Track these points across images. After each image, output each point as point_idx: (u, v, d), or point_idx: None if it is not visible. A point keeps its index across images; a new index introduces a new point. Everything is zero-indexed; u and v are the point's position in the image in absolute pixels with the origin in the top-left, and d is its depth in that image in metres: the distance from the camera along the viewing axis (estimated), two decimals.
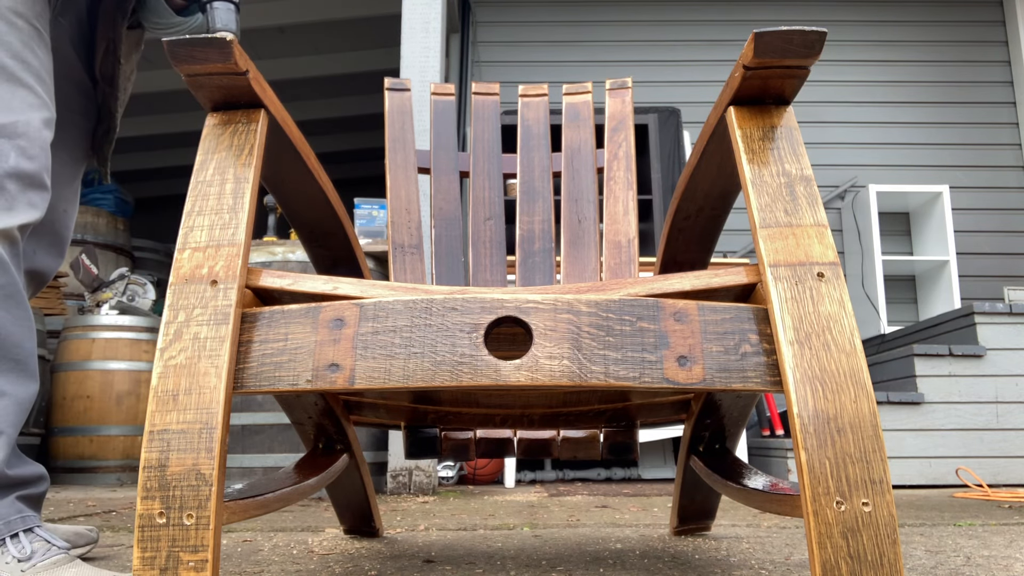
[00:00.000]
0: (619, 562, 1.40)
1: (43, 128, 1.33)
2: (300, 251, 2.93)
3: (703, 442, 1.44)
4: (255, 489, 0.99)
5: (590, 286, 0.93)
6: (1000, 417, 3.25)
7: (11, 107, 1.29)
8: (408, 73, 3.23)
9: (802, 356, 0.80)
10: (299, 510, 2.39)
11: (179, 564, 0.74)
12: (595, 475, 3.83)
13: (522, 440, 1.54)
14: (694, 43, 4.82)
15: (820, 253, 0.85)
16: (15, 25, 1.33)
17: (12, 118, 1.29)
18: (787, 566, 1.35)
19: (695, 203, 1.23)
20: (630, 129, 1.78)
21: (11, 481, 1.21)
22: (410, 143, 1.77)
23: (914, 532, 1.79)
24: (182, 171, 7.08)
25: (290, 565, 1.38)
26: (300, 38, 5.23)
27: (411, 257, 1.67)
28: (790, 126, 0.94)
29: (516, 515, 2.21)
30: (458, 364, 0.83)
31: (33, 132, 1.31)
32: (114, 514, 2.28)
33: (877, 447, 0.76)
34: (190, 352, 0.81)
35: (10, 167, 1.27)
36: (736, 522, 2.00)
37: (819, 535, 0.74)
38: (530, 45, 4.82)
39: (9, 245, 1.26)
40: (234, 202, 0.89)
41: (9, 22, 1.32)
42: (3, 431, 1.21)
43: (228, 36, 0.87)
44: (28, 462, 1.26)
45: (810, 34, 0.85)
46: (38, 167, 1.31)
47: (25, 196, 1.29)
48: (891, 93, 4.77)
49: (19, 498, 1.22)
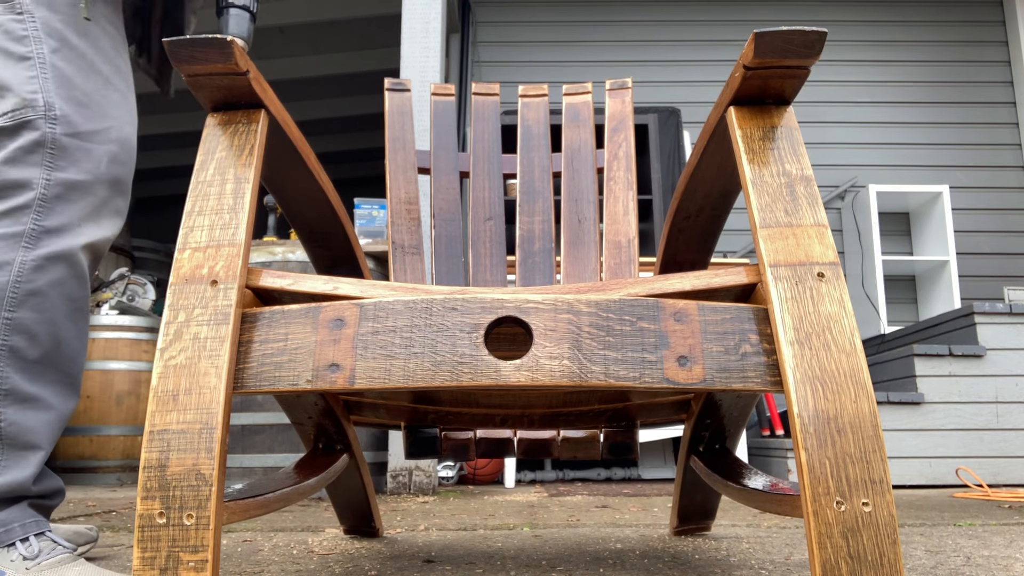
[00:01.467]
0: (619, 562, 1.40)
1: (133, 133, 1.37)
2: (300, 251, 2.93)
3: (703, 442, 1.44)
4: (255, 489, 0.99)
5: (590, 286, 0.93)
6: (1000, 417, 3.25)
7: (107, 113, 1.32)
8: (408, 73, 3.23)
9: (802, 356, 0.80)
10: (299, 510, 2.38)
11: (179, 564, 0.74)
12: (595, 475, 3.83)
13: (522, 440, 1.54)
14: (694, 43, 4.82)
15: (820, 253, 0.85)
16: (108, 32, 1.36)
17: (107, 124, 1.32)
18: (787, 566, 1.35)
19: (695, 203, 1.23)
20: (630, 129, 1.78)
21: (33, 494, 1.23)
22: (410, 143, 1.77)
23: (914, 532, 1.79)
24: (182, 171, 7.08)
25: (290, 565, 1.38)
26: (300, 38, 5.23)
27: (411, 257, 1.67)
28: (790, 126, 0.94)
29: (516, 515, 2.20)
30: (458, 364, 0.83)
31: (124, 137, 1.35)
32: (114, 514, 2.28)
33: (877, 447, 0.76)
34: (190, 352, 0.81)
35: (103, 173, 1.30)
36: (736, 522, 2.00)
37: (819, 535, 0.74)
38: (530, 45, 4.82)
39: (92, 260, 1.29)
40: (234, 202, 0.89)
41: (104, 29, 1.35)
42: (41, 447, 1.22)
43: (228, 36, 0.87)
44: (51, 476, 1.28)
45: (810, 34, 0.85)
46: (127, 173, 1.35)
47: (113, 203, 1.33)
48: (891, 93, 4.77)
49: (33, 505, 1.23)
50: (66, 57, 1.28)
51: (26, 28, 1.25)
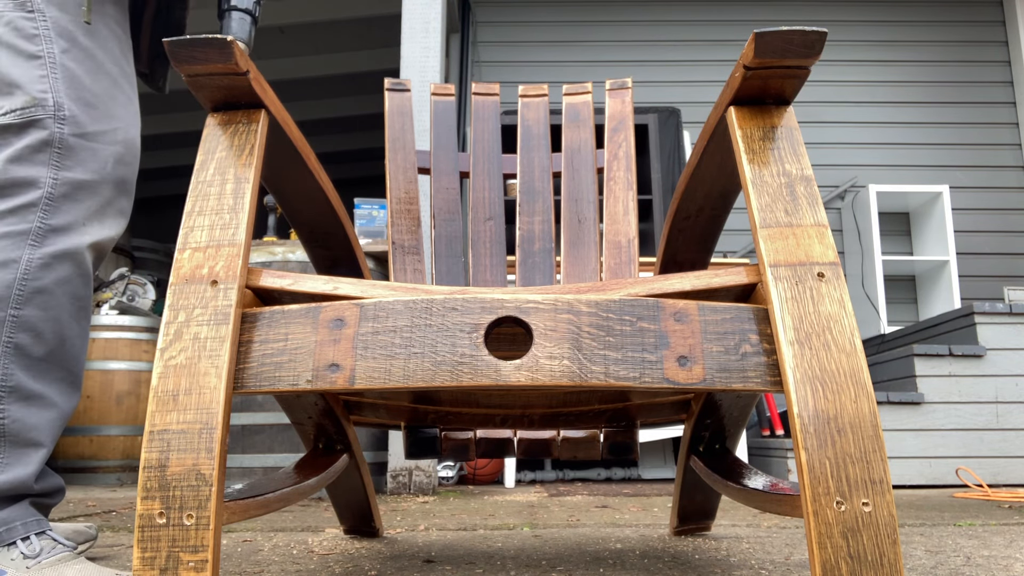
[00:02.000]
0: (619, 562, 1.40)
1: (137, 135, 1.38)
2: (300, 251, 2.93)
3: (703, 442, 1.44)
4: (255, 489, 0.99)
5: (590, 286, 0.93)
6: (1000, 417, 3.25)
7: (113, 114, 1.34)
8: (408, 73, 3.23)
9: (802, 356, 0.80)
10: (299, 510, 2.38)
11: (179, 564, 0.74)
12: (595, 475, 3.83)
13: (522, 440, 1.54)
14: (694, 43, 4.82)
15: (820, 253, 0.85)
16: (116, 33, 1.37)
17: (114, 125, 1.33)
18: (787, 566, 1.35)
19: (695, 203, 1.23)
20: (630, 129, 1.78)
21: (34, 493, 1.23)
22: (410, 143, 1.77)
23: (914, 532, 1.79)
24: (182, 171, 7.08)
25: (290, 565, 1.38)
26: (300, 38, 5.23)
27: (411, 257, 1.67)
28: (790, 126, 0.94)
29: (516, 515, 2.20)
30: (458, 364, 0.83)
31: (130, 139, 1.36)
32: (114, 514, 2.28)
33: (877, 447, 0.76)
34: (190, 352, 0.81)
35: (108, 173, 1.31)
36: (736, 522, 2.00)
37: (819, 535, 0.74)
38: (530, 45, 4.82)
39: (96, 259, 1.30)
40: (234, 202, 0.89)
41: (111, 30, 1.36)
42: (43, 444, 1.23)
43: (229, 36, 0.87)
44: (51, 474, 1.28)
45: (810, 34, 0.85)
46: (131, 174, 1.36)
47: (118, 204, 1.34)
48: (891, 93, 4.77)
49: (33, 504, 1.23)
50: (75, 57, 1.29)
51: (37, 27, 1.26)
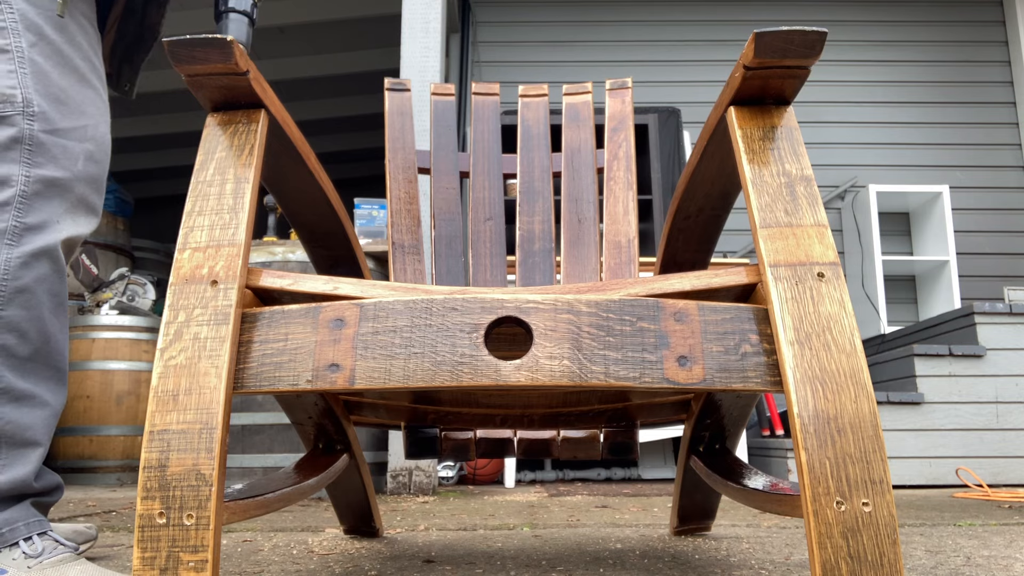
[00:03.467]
0: (619, 562, 1.40)
1: (108, 131, 1.36)
2: (300, 251, 2.93)
3: (703, 442, 1.44)
4: (255, 489, 0.99)
5: (590, 286, 0.93)
6: (1000, 417, 3.25)
7: (83, 111, 1.31)
8: (408, 73, 3.23)
9: (802, 356, 0.80)
10: (299, 510, 2.38)
11: (179, 564, 0.74)
12: (595, 475, 3.83)
13: (522, 440, 1.54)
14: (694, 43, 4.82)
15: (820, 253, 0.85)
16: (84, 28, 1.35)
17: (83, 122, 1.30)
18: (787, 566, 1.35)
19: (695, 203, 1.23)
20: (630, 129, 1.78)
21: (34, 491, 1.23)
22: (410, 143, 1.76)
23: (914, 532, 1.79)
24: (182, 171, 7.08)
25: (290, 565, 1.38)
26: (300, 38, 5.23)
27: (411, 257, 1.67)
28: (790, 126, 0.94)
29: (516, 515, 2.20)
30: (458, 364, 0.83)
31: (100, 136, 1.34)
32: (114, 514, 2.27)
33: (877, 447, 0.76)
34: (190, 352, 0.81)
35: (79, 170, 1.29)
36: (736, 522, 2.00)
37: (819, 535, 0.74)
38: (530, 45, 4.82)
39: (68, 254, 1.29)
40: (234, 202, 0.89)
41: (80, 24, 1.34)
42: (40, 443, 1.23)
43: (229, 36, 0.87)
44: (49, 473, 1.28)
45: (810, 34, 0.85)
46: (102, 171, 1.34)
47: (89, 201, 1.32)
48: (891, 93, 4.77)
49: (34, 504, 1.23)
50: (44, 52, 1.25)
51: (4, 19, 1.23)
